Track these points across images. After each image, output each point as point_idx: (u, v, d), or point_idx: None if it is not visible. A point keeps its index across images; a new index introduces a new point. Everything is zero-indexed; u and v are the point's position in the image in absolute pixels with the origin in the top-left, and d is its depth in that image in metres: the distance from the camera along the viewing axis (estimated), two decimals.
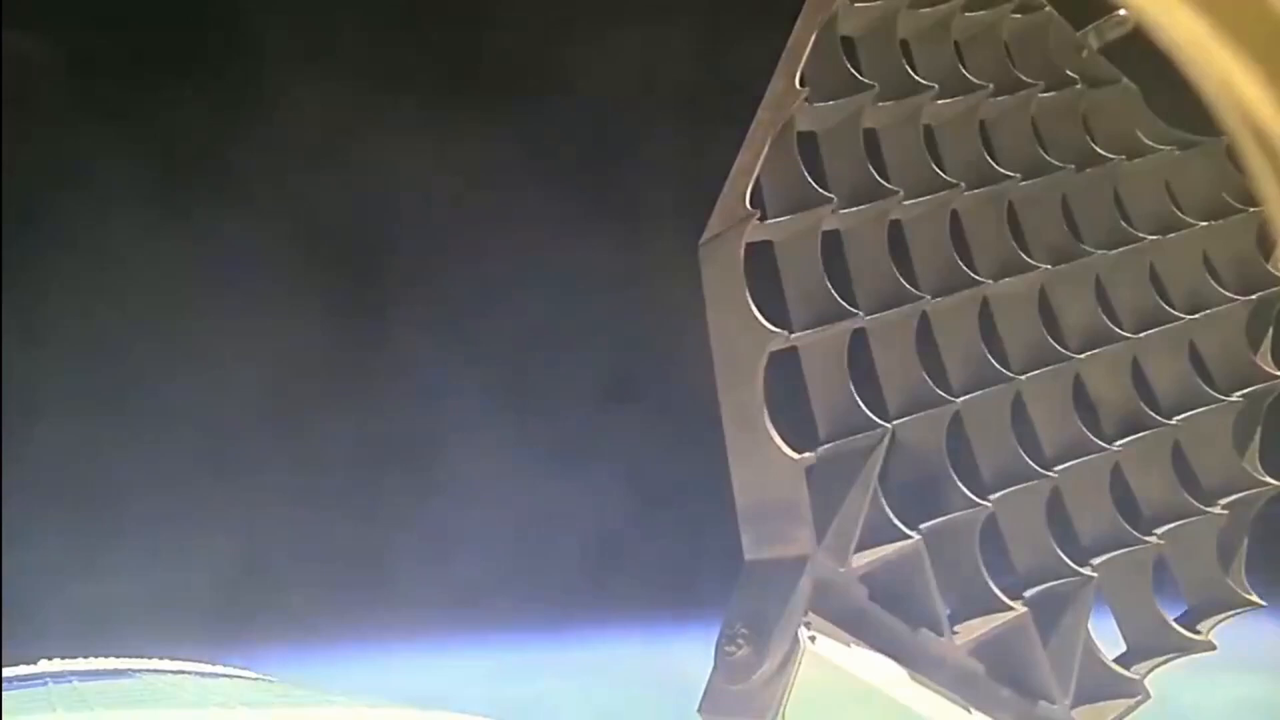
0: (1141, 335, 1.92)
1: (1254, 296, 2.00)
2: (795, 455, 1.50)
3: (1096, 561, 1.76)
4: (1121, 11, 1.92)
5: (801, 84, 1.61)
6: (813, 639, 1.44)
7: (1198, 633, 1.81)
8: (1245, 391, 1.94)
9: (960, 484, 1.66)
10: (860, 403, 1.59)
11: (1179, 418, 1.90)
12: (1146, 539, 1.81)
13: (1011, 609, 1.65)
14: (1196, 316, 1.97)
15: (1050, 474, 1.76)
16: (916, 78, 1.79)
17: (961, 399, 1.70)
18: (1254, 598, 1.85)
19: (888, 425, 1.58)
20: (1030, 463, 1.75)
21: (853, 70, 1.71)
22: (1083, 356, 1.85)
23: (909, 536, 1.56)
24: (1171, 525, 1.84)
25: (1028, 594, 1.69)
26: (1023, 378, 1.77)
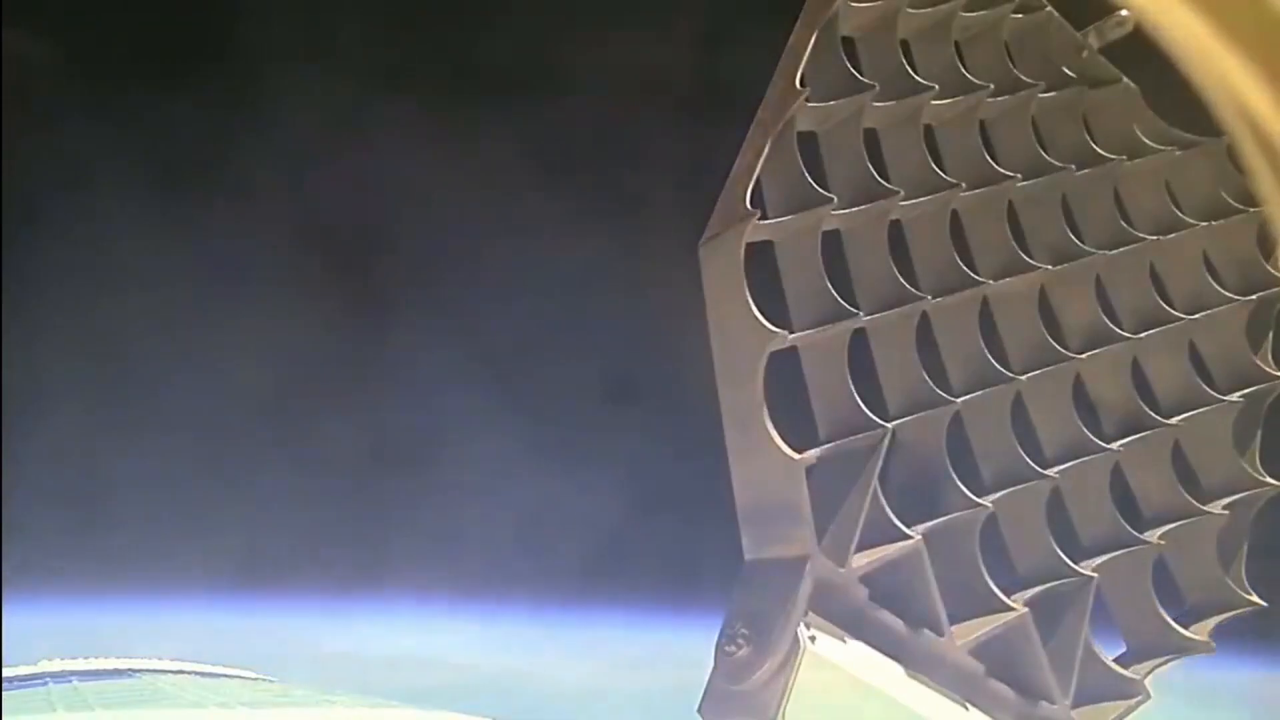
0: (1142, 335, 1.92)
1: (1254, 297, 2.00)
2: (795, 455, 1.49)
3: (1096, 562, 1.76)
4: (1123, 12, 1.91)
5: (801, 84, 1.60)
6: (813, 639, 1.44)
7: (1198, 633, 1.81)
8: (1245, 392, 1.94)
9: (960, 484, 1.66)
10: (860, 403, 1.58)
11: (1179, 418, 1.90)
12: (1146, 539, 1.81)
13: (1012, 609, 1.64)
14: (1197, 316, 1.97)
15: (1050, 474, 1.75)
16: (917, 78, 1.78)
17: (961, 399, 1.69)
18: (1254, 598, 1.85)
19: (888, 425, 1.57)
20: (1030, 463, 1.75)
21: (853, 70, 1.71)
22: (1083, 357, 1.84)
23: (909, 537, 1.56)
24: (1172, 526, 1.84)
25: (1028, 594, 1.68)
26: (1023, 378, 1.76)
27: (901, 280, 1.69)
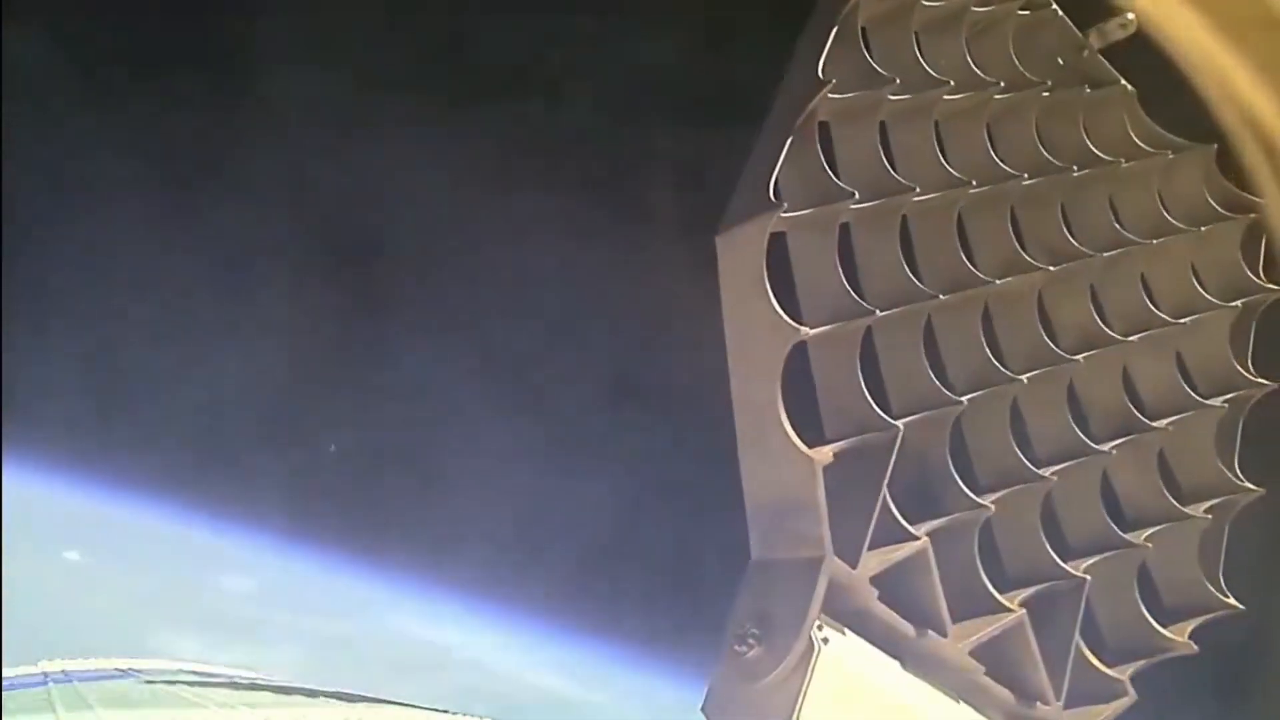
0: (1131, 339, 1.92)
1: (1239, 303, 2.01)
2: (812, 454, 1.46)
3: (1086, 563, 1.77)
4: (1129, 15, 1.91)
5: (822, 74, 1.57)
6: (825, 641, 1.43)
7: (1177, 635, 1.81)
8: (1228, 397, 1.94)
9: (962, 485, 1.65)
10: (872, 402, 1.56)
11: (1164, 421, 1.90)
12: (1134, 542, 1.81)
13: (1010, 610, 1.65)
14: (1183, 322, 1.97)
15: (1047, 475, 1.75)
16: (932, 72, 1.75)
17: (966, 399, 1.68)
18: (1232, 600, 1.86)
19: (899, 425, 1.55)
20: (1027, 464, 1.74)
21: (872, 63, 1.67)
22: (1080, 359, 1.84)
23: (916, 538, 1.55)
24: (1157, 528, 1.84)
25: (1023, 595, 1.69)
26: (1023, 379, 1.76)
27: (912, 278, 1.67)
